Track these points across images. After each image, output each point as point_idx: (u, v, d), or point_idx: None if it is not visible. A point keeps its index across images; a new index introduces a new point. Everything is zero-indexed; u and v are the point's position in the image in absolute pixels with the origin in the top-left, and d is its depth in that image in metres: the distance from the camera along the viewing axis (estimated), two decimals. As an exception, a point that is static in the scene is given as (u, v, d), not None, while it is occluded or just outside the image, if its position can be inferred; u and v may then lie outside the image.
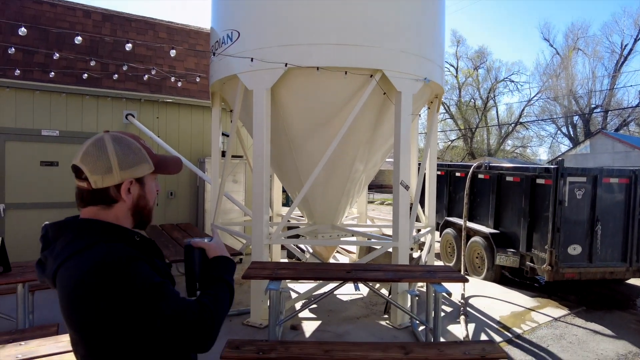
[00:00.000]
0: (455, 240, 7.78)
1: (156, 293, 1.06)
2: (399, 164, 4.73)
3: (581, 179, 5.87)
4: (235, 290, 6.05)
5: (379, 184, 30.83)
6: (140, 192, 1.21)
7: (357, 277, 3.86)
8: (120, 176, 1.15)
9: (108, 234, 1.13)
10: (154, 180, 1.27)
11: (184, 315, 1.07)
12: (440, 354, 3.17)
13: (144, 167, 1.20)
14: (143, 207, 1.22)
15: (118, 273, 1.03)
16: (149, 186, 1.24)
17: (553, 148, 33.15)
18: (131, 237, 1.17)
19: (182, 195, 7.75)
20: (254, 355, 3.03)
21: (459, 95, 34.94)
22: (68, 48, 6.79)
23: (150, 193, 1.25)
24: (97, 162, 1.13)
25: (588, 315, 5.44)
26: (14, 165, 6.39)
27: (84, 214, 1.17)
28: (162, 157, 1.27)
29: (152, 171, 1.22)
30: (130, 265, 1.05)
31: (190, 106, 7.79)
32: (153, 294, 1.05)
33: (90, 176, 1.13)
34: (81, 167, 1.14)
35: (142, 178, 1.21)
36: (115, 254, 1.06)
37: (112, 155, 1.14)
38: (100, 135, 1.19)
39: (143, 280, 1.05)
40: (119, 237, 1.14)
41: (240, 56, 4.70)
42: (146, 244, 1.20)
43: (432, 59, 5.11)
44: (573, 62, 30.99)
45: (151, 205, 1.26)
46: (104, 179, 1.14)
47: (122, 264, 1.04)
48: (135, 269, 1.06)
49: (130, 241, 1.16)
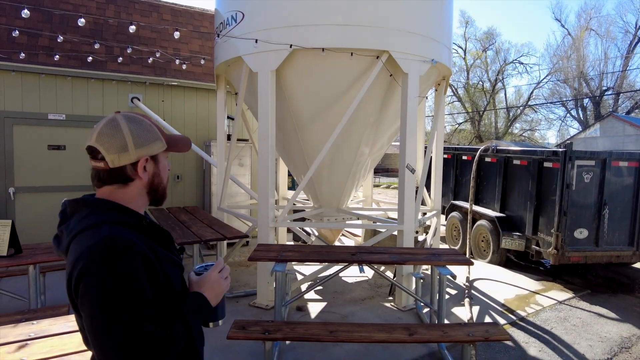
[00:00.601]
0: (461, 224, 7.78)
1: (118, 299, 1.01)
2: (405, 147, 4.70)
3: (590, 162, 5.80)
4: (242, 272, 6.12)
5: (384, 167, 30.74)
6: (155, 170, 1.23)
7: (362, 259, 3.88)
8: (136, 154, 1.17)
9: (118, 215, 1.14)
10: (166, 158, 1.29)
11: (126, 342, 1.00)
12: (444, 335, 3.20)
13: (158, 144, 1.22)
14: (158, 185, 1.25)
15: (104, 260, 1.03)
16: (163, 164, 1.26)
17: (562, 131, 32.76)
18: (139, 221, 1.17)
19: (188, 179, 7.79)
20: (260, 335, 3.08)
21: (467, 78, 34.43)
22: (72, 31, 6.75)
23: (164, 170, 1.27)
24: (113, 141, 1.15)
25: (593, 299, 5.45)
26: (22, 149, 6.45)
27: (100, 193, 1.19)
28: (172, 136, 1.29)
29: (165, 149, 1.25)
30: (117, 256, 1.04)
31: (195, 89, 7.76)
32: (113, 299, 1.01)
33: (106, 155, 1.14)
34: (97, 147, 1.15)
35: (156, 156, 1.23)
36: (113, 239, 1.06)
37: (127, 134, 1.16)
38: (112, 115, 1.20)
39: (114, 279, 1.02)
40: (127, 219, 1.15)
41: (245, 37, 4.65)
42: (153, 229, 1.20)
43: (440, 40, 5.01)
44: (585, 43, 30.30)
45: (165, 183, 1.28)
46: (120, 157, 1.15)
47: (112, 252, 1.04)
48: (118, 264, 1.03)
49: (138, 225, 1.16)
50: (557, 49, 32.54)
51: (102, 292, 1.01)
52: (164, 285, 1.15)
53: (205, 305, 1.21)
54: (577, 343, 4.16)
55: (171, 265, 1.20)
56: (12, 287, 4.55)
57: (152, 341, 1.03)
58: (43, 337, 2.39)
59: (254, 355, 3.66)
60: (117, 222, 1.12)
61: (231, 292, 5.12)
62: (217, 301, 1.25)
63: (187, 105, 7.74)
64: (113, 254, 1.04)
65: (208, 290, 1.23)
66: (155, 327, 1.06)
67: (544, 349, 4.01)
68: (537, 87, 32.82)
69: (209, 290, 1.23)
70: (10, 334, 2.43)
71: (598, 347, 4.11)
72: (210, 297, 1.23)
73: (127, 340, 1.00)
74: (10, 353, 2.20)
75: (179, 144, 1.30)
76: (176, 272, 1.22)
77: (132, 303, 1.03)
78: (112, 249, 1.04)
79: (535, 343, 4.12)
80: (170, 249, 1.26)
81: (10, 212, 6.37)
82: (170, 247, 1.26)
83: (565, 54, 31.03)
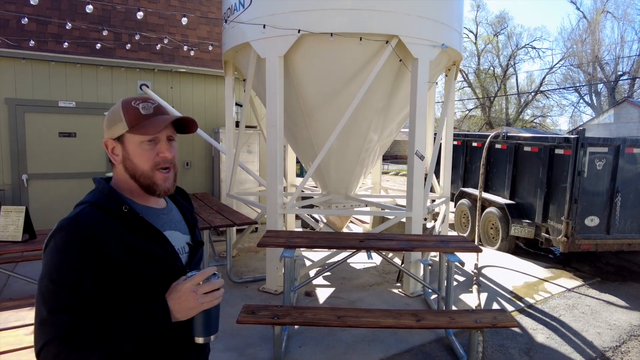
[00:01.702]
0: (470, 211, 7.74)
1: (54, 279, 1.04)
2: (415, 133, 4.66)
3: (602, 149, 5.71)
4: (251, 258, 6.17)
5: (393, 154, 30.58)
6: (124, 154, 1.18)
7: (370, 246, 3.90)
8: (106, 136, 1.21)
9: (102, 198, 1.17)
10: (144, 142, 1.17)
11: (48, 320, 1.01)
12: (452, 322, 3.22)
13: (119, 126, 1.17)
14: (133, 170, 1.18)
15: (56, 237, 1.08)
16: (131, 147, 1.17)
17: (574, 117, 32.13)
18: (119, 208, 1.15)
19: (198, 166, 7.84)
20: (269, 320, 3.13)
21: (478, 63, 33.80)
22: (80, 17, 6.75)
23: (136, 155, 1.17)
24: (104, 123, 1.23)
25: (602, 287, 5.42)
26: (33, 137, 6.52)
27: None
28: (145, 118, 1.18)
29: (127, 131, 1.16)
30: (67, 238, 1.06)
31: (203, 76, 7.74)
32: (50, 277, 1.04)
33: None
34: None
35: (122, 138, 1.18)
36: (73, 221, 1.09)
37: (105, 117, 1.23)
38: None
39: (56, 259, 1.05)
40: (108, 204, 1.15)
41: (253, 23, 4.61)
42: (131, 218, 1.15)
43: (450, 25, 4.92)
44: (601, 26, 29.45)
45: (143, 169, 1.18)
46: (104, 139, 1.23)
47: (64, 233, 1.07)
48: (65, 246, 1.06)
49: (118, 212, 1.14)
50: (572, 32, 31.74)
51: (43, 270, 1.07)
52: (126, 276, 1.10)
53: (162, 315, 1.08)
54: (586, 330, 4.16)
55: (147, 259, 1.14)
56: (27, 272, 4.66)
57: (65, 330, 1.00)
58: (58, 320, 2.45)
59: (263, 339, 3.72)
60: (97, 205, 1.14)
61: (240, 278, 5.19)
62: (184, 316, 1.11)
63: (195, 92, 7.74)
64: (64, 236, 1.07)
65: (173, 300, 1.09)
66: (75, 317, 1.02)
67: (551, 335, 4.02)
68: (550, 72, 32.11)
69: (174, 302, 1.09)
70: (27, 317, 2.51)
71: (607, 334, 4.10)
72: (175, 309, 1.09)
73: (42, 322, 1.03)
74: (28, 335, 2.27)
75: (147, 127, 1.16)
76: (153, 266, 1.14)
77: (59, 288, 1.03)
78: (66, 231, 1.07)
79: (543, 330, 4.13)
80: (159, 242, 1.18)
81: (24, 198, 6.48)
82: (159, 240, 1.19)
83: (579, 37, 30.23)
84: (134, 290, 1.12)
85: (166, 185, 1.22)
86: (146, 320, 1.07)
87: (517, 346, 3.80)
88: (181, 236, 1.30)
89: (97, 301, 1.07)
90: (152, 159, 1.18)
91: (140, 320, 1.06)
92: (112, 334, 1.04)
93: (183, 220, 1.35)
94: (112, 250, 1.09)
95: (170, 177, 1.23)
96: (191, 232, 1.34)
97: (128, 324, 1.05)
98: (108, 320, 1.05)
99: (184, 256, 1.27)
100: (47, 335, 1.01)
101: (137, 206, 1.22)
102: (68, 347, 1.00)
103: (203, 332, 1.16)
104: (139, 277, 1.12)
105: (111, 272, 1.08)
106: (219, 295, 1.14)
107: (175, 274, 1.16)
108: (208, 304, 1.12)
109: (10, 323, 2.43)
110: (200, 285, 1.11)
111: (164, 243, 1.19)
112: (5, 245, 3.77)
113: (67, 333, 1.01)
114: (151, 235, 1.17)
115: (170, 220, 1.29)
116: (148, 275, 1.13)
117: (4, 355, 2.05)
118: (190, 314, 1.12)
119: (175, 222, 1.31)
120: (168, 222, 1.28)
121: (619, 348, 3.85)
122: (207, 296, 1.11)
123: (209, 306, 1.13)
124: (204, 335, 1.16)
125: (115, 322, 1.05)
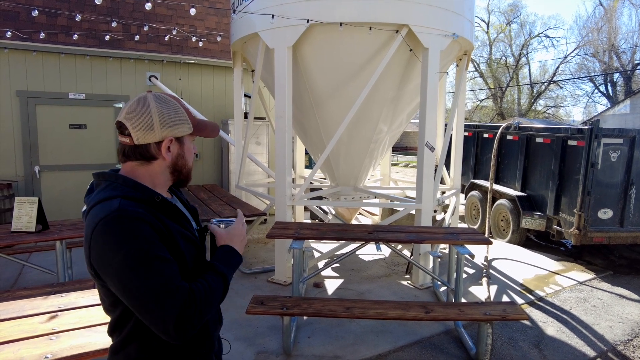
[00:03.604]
0: (481, 203, 7.67)
1: (142, 260, 1.04)
2: (425, 124, 4.60)
3: (617, 140, 5.59)
4: (261, 249, 6.21)
5: (403, 145, 30.40)
6: (179, 151, 1.26)
7: (379, 237, 3.88)
8: (161, 134, 1.20)
9: (129, 190, 1.17)
10: (192, 141, 1.31)
11: (164, 295, 1.03)
12: (461, 314, 3.20)
13: (184, 127, 1.25)
14: (182, 166, 1.28)
15: (116, 229, 1.06)
16: (188, 146, 1.28)
17: (588, 108, 31.50)
18: (151, 198, 1.18)
19: (207, 157, 7.87)
20: (278, 310, 3.15)
21: (490, 52, 33.26)
22: (89, 9, 6.76)
23: (189, 153, 1.29)
24: (140, 118, 1.18)
25: (615, 280, 5.35)
26: (45, 129, 6.60)
27: (124, 168, 1.24)
28: (200, 120, 1.31)
29: (191, 132, 1.27)
30: (129, 224, 1.07)
31: (212, 67, 7.73)
32: (137, 260, 1.04)
33: (133, 132, 1.18)
34: (125, 123, 1.18)
35: (182, 138, 1.25)
36: (121, 211, 1.08)
37: (154, 113, 1.19)
38: (143, 94, 1.23)
39: (132, 244, 1.05)
40: (138, 195, 1.16)
41: (261, 13, 4.57)
42: (166, 206, 1.21)
43: (462, 13, 4.82)
44: (618, 13, 28.70)
45: (190, 165, 1.31)
46: (146, 135, 1.18)
47: (122, 222, 1.07)
48: (131, 230, 1.06)
49: (150, 201, 1.18)
50: (587, 20, 30.98)
51: (124, 258, 1.04)
52: (181, 255, 1.18)
53: (235, 255, 1.30)
54: (597, 324, 4.12)
55: (185, 242, 1.21)
56: (41, 262, 4.75)
57: (192, 292, 1.08)
58: (71, 309, 2.50)
59: (272, 329, 3.75)
60: (128, 197, 1.15)
61: (250, 269, 5.22)
62: (242, 250, 1.36)
63: (204, 83, 7.74)
64: (124, 223, 1.07)
65: (237, 242, 1.33)
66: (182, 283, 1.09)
67: (562, 329, 3.98)
68: (564, 61, 31.47)
69: (238, 242, 1.33)
70: (41, 305, 2.55)
71: (618, 328, 4.06)
72: (239, 248, 1.33)
73: (167, 291, 1.04)
74: (43, 323, 2.31)
75: (207, 130, 1.32)
76: (190, 249, 1.23)
77: (156, 262, 1.06)
78: (122, 218, 1.08)
79: (554, 323, 4.10)
80: (187, 226, 1.27)
81: (36, 190, 6.58)
82: (187, 225, 1.27)
83: (595, 25, 29.50)
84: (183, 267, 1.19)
85: None
86: (232, 265, 1.27)
87: (526, 339, 3.77)
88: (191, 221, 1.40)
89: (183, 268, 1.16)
90: (192, 155, 1.33)
91: (227, 268, 1.24)
92: (217, 287, 1.17)
93: (185, 209, 1.42)
94: (162, 232, 1.14)
95: None
96: (196, 219, 1.42)
97: (222, 274, 1.21)
98: (207, 278, 1.17)
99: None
100: (174, 309, 1.04)
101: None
102: (196, 310, 1.08)
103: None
104: (182, 257, 1.19)
105: (170, 249, 1.15)
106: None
107: (199, 253, 1.29)
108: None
109: (26, 311, 2.47)
110: (244, 225, 1.40)
111: (190, 227, 1.29)
112: (20, 236, 3.84)
113: (188, 300, 1.07)
114: (181, 220, 1.25)
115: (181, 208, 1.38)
116: (188, 253, 1.21)
117: (20, 343, 2.10)
118: (243, 248, 1.37)
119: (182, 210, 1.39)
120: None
121: (631, 342, 3.81)
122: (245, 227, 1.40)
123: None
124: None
125: (212, 276, 1.18)
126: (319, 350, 3.46)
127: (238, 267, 1.33)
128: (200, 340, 1.27)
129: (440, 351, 3.51)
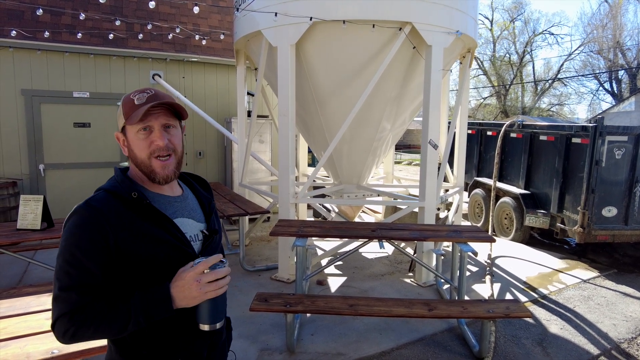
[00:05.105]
0: (484, 201, 7.66)
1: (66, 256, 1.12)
2: (428, 121, 4.60)
3: (622, 137, 5.56)
4: (264, 247, 6.22)
5: (406, 143, 30.33)
6: (127, 143, 1.25)
7: (382, 235, 3.89)
8: (119, 128, 1.27)
9: (116, 185, 1.22)
10: (139, 131, 1.20)
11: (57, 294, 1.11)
12: (464, 311, 3.21)
13: (120, 119, 1.25)
14: (134, 159, 1.23)
15: (70, 219, 1.15)
16: (131, 137, 1.22)
17: (593, 105, 31.33)
18: (128, 194, 1.18)
19: (210, 155, 7.89)
20: (282, 307, 3.16)
21: (493, 50, 33.09)
22: (93, 8, 6.78)
23: (134, 145, 1.21)
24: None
25: (619, 278, 5.33)
26: (49, 127, 6.63)
27: None
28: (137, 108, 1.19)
29: (125, 123, 1.21)
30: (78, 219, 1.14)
31: (215, 65, 7.74)
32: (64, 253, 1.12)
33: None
34: None
35: (124, 129, 1.24)
36: (85, 204, 1.16)
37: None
38: None
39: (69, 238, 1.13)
40: (120, 190, 1.20)
41: (264, 11, 4.57)
42: (138, 204, 1.18)
43: (465, 11, 4.81)
44: (623, 10, 28.46)
45: (141, 158, 1.20)
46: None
47: (77, 213, 1.15)
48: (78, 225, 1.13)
49: (127, 197, 1.19)
50: (592, 17, 30.75)
51: (59, 249, 1.14)
52: (135, 261, 1.14)
53: (163, 302, 1.07)
54: (601, 322, 4.11)
55: (155, 245, 1.16)
56: (46, 259, 4.78)
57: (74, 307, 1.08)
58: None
59: (276, 327, 3.77)
60: (111, 191, 1.19)
61: (253, 266, 5.24)
62: (187, 304, 1.09)
63: (207, 81, 7.76)
64: (77, 219, 1.14)
65: (176, 288, 1.09)
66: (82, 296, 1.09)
67: (565, 326, 3.98)
68: (568, 59, 31.28)
69: (178, 289, 1.09)
70: (47, 302, 2.58)
71: (622, 326, 4.05)
72: (178, 297, 1.08)
73: (55, 298, 1.11)
74: (49, 319, 2.33)
75: (132, 116, 1.18)
76: (161, 252, 1.16)
77: (70, 267, 1.10)
78: (79, 215, 1.14)
79: (557, 321, 4.09)
80: (168, 228, 1.20)
81: (41, 188, 6.62)
82: (168, 226, 1.20)
83: (600, 22, 29.29)
84: (144, 276, 1.15)
85: (165, 173, 1.22)
86: (148, 306, 1.08)
87: (530, 337, 3.77)
88: (194, 224, 1.30)
89: (103, 283, 1.12)
90: (148, 147, 1.20)
91: (142, 305, 1.08)
92: (115, 316, 1.08)
93: (199, 208, 1.36)
94: (120, 235, 1.13)
95: (170, 164, 1.23)
96: (207, 220, 1.34)
97: (130, 307, 1.08)
98: (113, 303, 1.10)
99: (197, 244, 1.27)
100: (60, 311, 1.09)
101: (149, 193, 1.25)
102: (75, 324, 1.07)
103: (208, 320, 1.13)
104: (148, 262, 1.15)
105: (119, 257, 1.13)
106: (223, 284, 1.11)
107: (185, 260, 1.15)
108: (212, 294, 1.09)
109: (32, 308, 2.50)
110: (204, 274, 1.08)
111: (173, 229, 1.20)
112: (25, 234, 3.87)
113: (75, 310, 1.08)
114: (160, 222, 1.19)
115: (184, 207, 1.30)
116: (157, 261, 1.16)
117: (27, 338, 2.12)
118: (194, 303, 1.10)
119: (189, 209, 1.31)
120: (181, 209, 1.29)
121: (635, 340, 3.80)
122: (210, 285, 1.08)
123: (212, 295, 1.09)
124: (209, 322, 1.13)
125: (120, 304, 1.09)
126: (322, 347, 3.47)
127: (159, 317, 1.08)
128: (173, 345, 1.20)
129: (443, 349, 3.52)
